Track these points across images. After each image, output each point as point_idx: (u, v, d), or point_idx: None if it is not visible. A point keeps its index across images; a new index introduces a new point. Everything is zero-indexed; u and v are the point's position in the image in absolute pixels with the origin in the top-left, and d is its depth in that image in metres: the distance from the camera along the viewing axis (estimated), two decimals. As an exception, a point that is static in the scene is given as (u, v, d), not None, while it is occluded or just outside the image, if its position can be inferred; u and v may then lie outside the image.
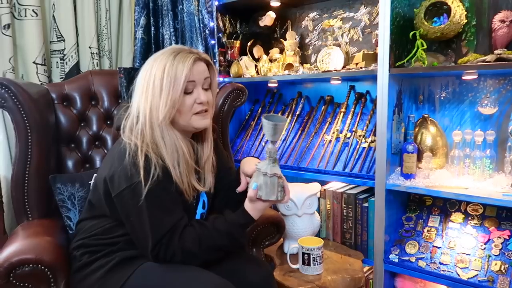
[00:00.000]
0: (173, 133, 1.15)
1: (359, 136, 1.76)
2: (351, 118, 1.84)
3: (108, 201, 1.14)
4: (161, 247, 1.07)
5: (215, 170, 1.30)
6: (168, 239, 1.08)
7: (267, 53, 2.12)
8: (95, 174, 1.32)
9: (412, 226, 1.65)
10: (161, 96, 1.10)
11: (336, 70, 1.77)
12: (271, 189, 1.13)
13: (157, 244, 1.07)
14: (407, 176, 1.55)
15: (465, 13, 1.51)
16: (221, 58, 2.12)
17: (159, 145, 1.12)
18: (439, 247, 1.54)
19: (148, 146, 1.10)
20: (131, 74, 1.70)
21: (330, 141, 1.83)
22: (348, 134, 1.79)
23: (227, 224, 1.14)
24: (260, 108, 2.21)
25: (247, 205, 1.16)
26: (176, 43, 2.19)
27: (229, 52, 2.14)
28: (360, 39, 1.94)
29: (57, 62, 1.97)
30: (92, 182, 1.41)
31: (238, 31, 2.24)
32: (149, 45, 2.25)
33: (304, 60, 2.12)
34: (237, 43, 2.15)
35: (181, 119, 1.15)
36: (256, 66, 2.10)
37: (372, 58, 1.71)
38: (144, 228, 1.07)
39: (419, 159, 1.60)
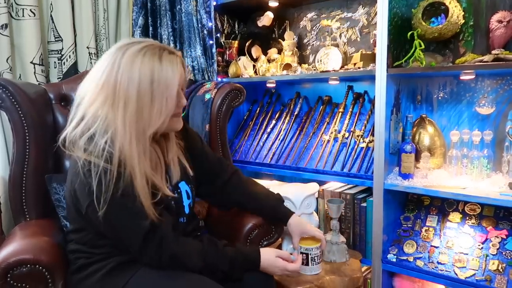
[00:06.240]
0: (145, 139, 1.07)
1: (357, 136, 1.76)
2: (349, 118, 1.84)
3: (82, 217, 1.09)
4: (148, 250, 1.03)
5: (185, 155, 1.26)
6: (157, 244, 1.03)
7: (265, 53, 2.12)
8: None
9: (410, 225, 1.65)
10: (153, 105, 1.01)
11: (334, 70, 1.77)
12: (342, 253, 1.59)
13: (141, 250, 1.03)
14: (405, 176, 1.55)
15: (463, 13, 1.51)
16: (219, 58, 2.12)
17: (132, 155, 1.02)
18: (437, 247, 1.54)
19: (108, 160, 1.00)
20: (129, 74, 1.69)
21: (329, 141, 1.83)
22: (346, 134, 1.80)
23: (235, 252, 1.13)
24: (258, 108, 2.21)
25: (266, 252, 1.17)
26: (175, 43, 2.18)
27: (227, 52, 2.14)
28: (358, 39, 1.94)
29: (54, 62, 1.96)
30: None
31: (236, 31, 2.24)
32: (147, 45, 2.25)
33: (302, 60, 2.12)
34: (235, 43, 2.15)
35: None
36: (254, 66, 2.10)
37: (370, 58, 1.71)
38: (121, 239, 1.05)
39: (417, 159, 1.60)
